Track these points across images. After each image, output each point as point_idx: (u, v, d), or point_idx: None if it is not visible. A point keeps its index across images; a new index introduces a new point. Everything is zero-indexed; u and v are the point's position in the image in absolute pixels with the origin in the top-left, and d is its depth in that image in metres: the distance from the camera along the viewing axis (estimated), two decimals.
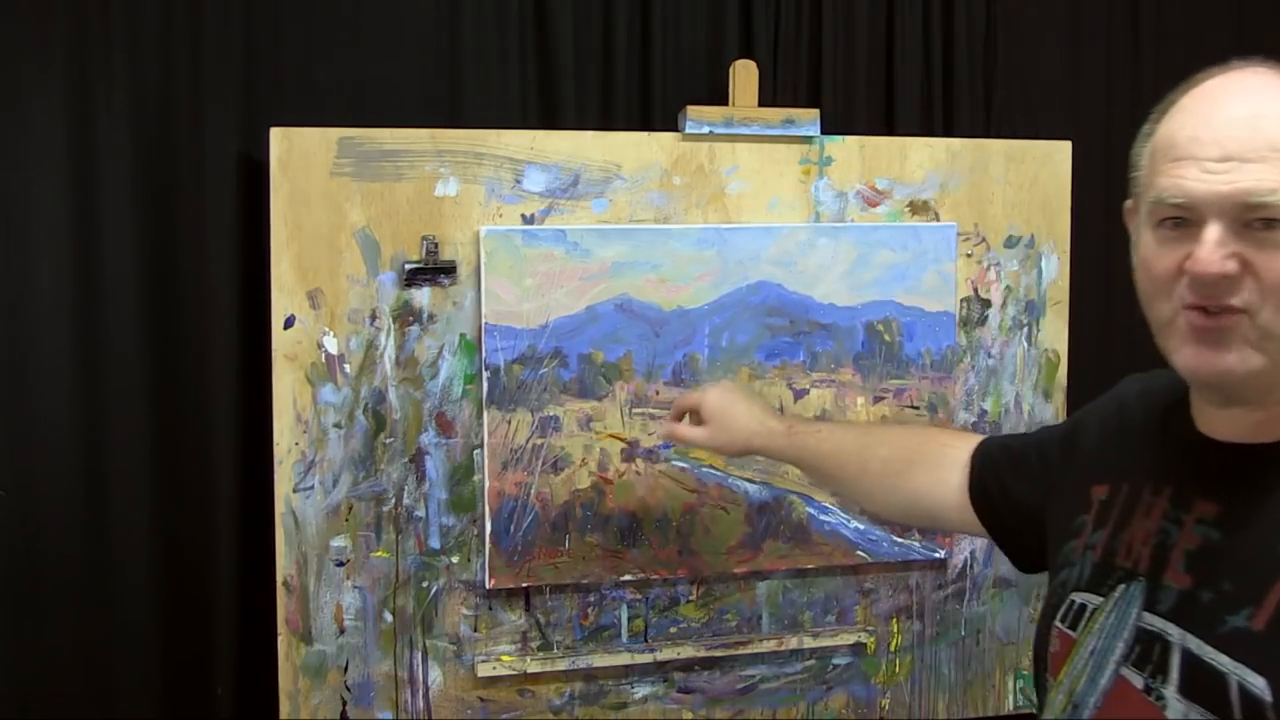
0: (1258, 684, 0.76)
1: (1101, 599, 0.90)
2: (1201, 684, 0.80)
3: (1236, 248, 0.80)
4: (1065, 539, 0.98)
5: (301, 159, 1.54)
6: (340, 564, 1.59)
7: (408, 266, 1.58)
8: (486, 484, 1.60)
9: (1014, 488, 1.12)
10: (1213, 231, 0.80)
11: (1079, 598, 0.93)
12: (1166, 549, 0.86)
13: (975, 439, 1.21)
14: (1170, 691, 0.81)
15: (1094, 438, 1.02)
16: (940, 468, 1.20)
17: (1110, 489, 0.95)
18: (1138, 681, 0.84)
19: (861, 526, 1.73)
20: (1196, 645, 0.81)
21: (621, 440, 1.64)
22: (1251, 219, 0.79)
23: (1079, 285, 1.85)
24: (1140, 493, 0.91)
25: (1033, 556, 1.09)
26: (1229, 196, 0.80)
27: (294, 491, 1.57)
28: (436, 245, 1.59)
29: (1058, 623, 0.94)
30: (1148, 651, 0.84)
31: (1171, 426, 0.92)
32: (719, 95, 1.74)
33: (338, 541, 1.59)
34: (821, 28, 1.86)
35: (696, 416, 1.45)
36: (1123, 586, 0.89)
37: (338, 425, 1.58)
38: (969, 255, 1.78)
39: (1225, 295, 0.81)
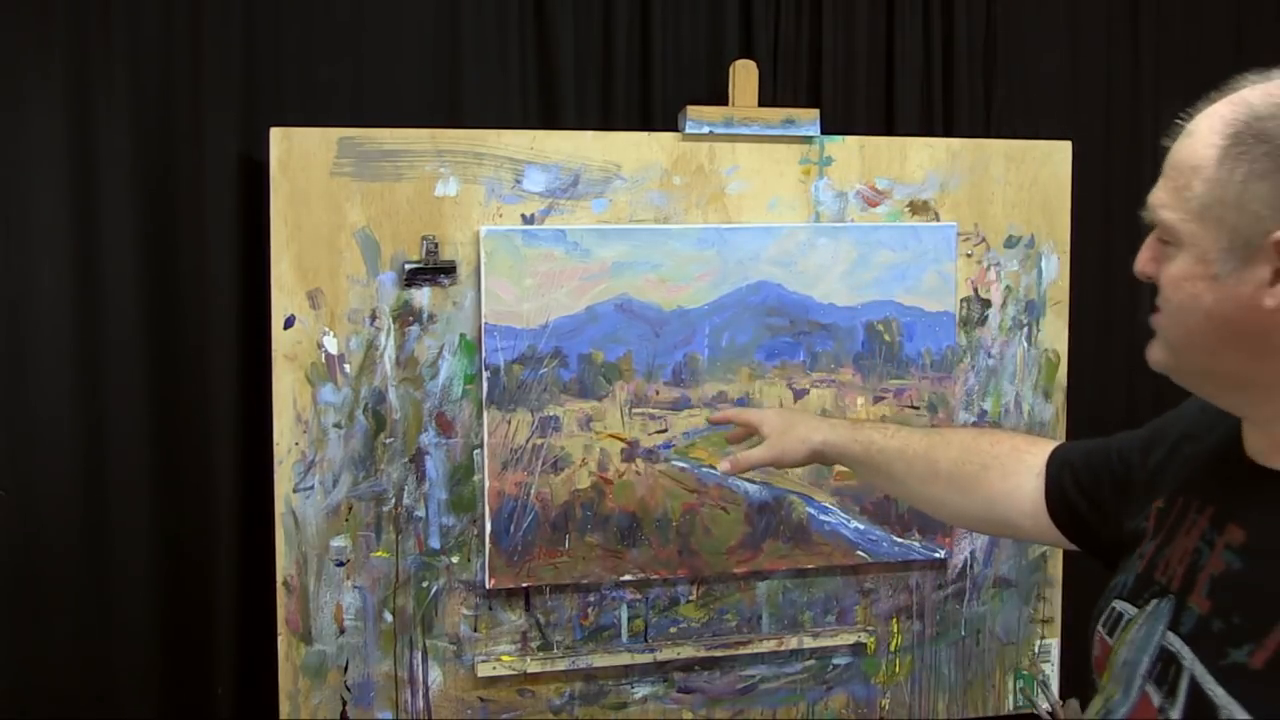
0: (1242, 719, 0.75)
1: (1137, 610, 0.89)
2: (1199, 713, 0.79)
3: (1159, 254, 0.85)
4: (1134, 546, 0.96)
5: (301, 159, 1.54)
6: (340, 564, 1.59)
7: (408, 266, 1.58)
8: (486, 484, 1.60)
9: (1100, 496, 1.06)
10: (1150, 235, 0.86)
11: (1119, 606, 0.92)
12: (1197, 570, 0.84)
13: (1049, 445, 1.15)
14: (1175, 716, 0.81)
15: (1169, 444, 0.98)
16: (1015, 473, 1.14)
17: (1167, 500, 0.92)
18: (1155, 699, 0.83)
19: (861, 526, 1.73)
20: (1200, 673, 0.80)
21: (621, 440, 1.64)
22: None
23: (1079, 285, 1.85)
24: (1188, 509, 0.89)
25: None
26: (1146, 206, 0.85)
27: (294, 491, 1.57)
28: (436, 245, 1.59)
29: (1099, 627, 0.93)
30: (1165, 671, 0.83)
31: (1223, 444, 0.88)
32: (719, 95, 1.74)
33: (338, 541, 1.59)
34: (821, 28, 1.86)
35: (747, 434, 1.40)
36: (1155, 601, 0.87)
37: (338, 425, 1.58)
38: (969, 255, 1.78)
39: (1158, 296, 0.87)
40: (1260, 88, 0.79)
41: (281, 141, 1.54)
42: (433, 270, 1.59)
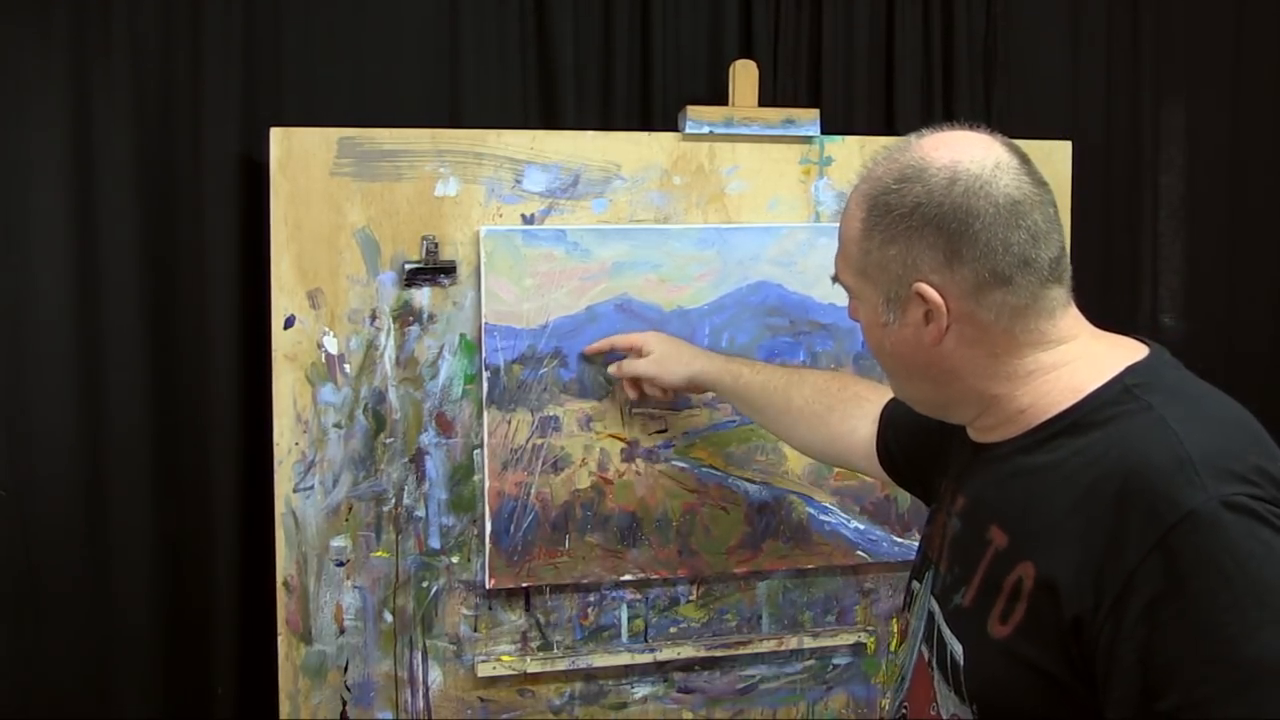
0: (958, 650, 0.90)
1: (919, 585, 1.04)
2: (941, 654, 0.93)
3: (854, 305, 1.00)
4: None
5: (301, 159, 1.54)
6: (340, 564, 1.59)
7: (408, 266, 1.58)
8: (486, 484, 1.60)
9: (914, 456, 1.20)
10: None
11: (913, 585, 1.07)
12: (945, 539, 0.99)
13: (887, 394, 1.28)
14: (934, 662, 0.95)
15: (955, 433, 1.09)
16: (853, 418, 1.33)
17: (942, 486, 1.06)
18: (926, 655, 0.98)
19: (861, 526, 1.73)
20: (941, 622, 0.95)
21: (621, 440, 1.64)
22: None
23: (1078, 285, 1.83)
24: (946, 490, 1.04)
25: None
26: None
27: (294, 491, 1.57)
28: (436, 245, 1.59)
29: (904, 609, 1.08)
30: (931, 629, 0.97)
31: (963, 432, 1.02)
32: (719, 95, 1.74)
33: (338, 541, 1.59)
34: (821, 28, 1.86)
35: (637, 355, 1.55)
36: (928, 574, 1.02)
37: (338, 425, 1.58)
38: None
39: None
40: (885, 164, 0.94)
41: (281, 141, 1.54)
42: (433, 270, 1.59)
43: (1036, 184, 0.91)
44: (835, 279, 0.99)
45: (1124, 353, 0.91)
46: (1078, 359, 0.91)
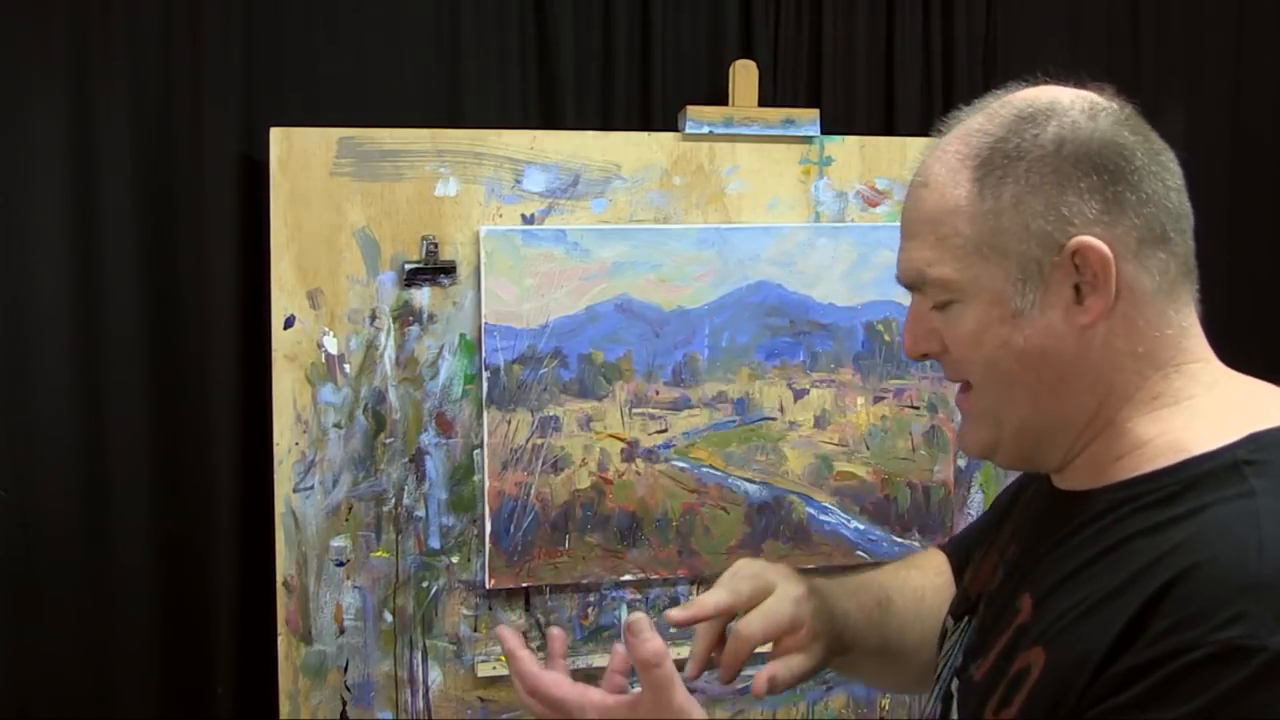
0: None
1: (955, 625, 0.84)
2: None
3: (937, 324, 0.75)
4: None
5: (301, 159, 1.54)
6: (340, 564, 1.59)
7: (408, 266, 1.58)
8: (486, 484, 1.60)
9: None
10: (910, 311, 0.77)
11: (948, 621, 0.87)
12: (987, 590, 0.80)
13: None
14: None
15: (1014, 493, 0.91)
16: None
17: (1007, 531, 0.87)
18: (938, 714, 0.81)
19: (861, 526, 1.73)
20: (956, 688, 0.77)
21: (621, 440, 1.64)
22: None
23: None
24: (1003, 530, 0.85)
25: None
26: (901, 275, 0.76)
27: (294, 491, 1.57)
28: (436, 245, 1.59)
29: (940, 641, 0.88)
30: (948, 692, 0.79)
31: (1045, 478, 0.82)
32: (719, 95, 1.74)
33: (338, 541, 1.59)
34: (821, 28, 1.86)
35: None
36: (967, 618, 0.82)
37: (338, 425, 1.58)
38: None
39: (949, 373, 0.78)
40: (978, 117, 0.76)
41: (281, 141, 1.54)
42: (433, 270, 1.59)
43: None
44: (912, 285, 0.76)
45: (1255, 407, 0.69)
46: (1198, 398, 0.70)
